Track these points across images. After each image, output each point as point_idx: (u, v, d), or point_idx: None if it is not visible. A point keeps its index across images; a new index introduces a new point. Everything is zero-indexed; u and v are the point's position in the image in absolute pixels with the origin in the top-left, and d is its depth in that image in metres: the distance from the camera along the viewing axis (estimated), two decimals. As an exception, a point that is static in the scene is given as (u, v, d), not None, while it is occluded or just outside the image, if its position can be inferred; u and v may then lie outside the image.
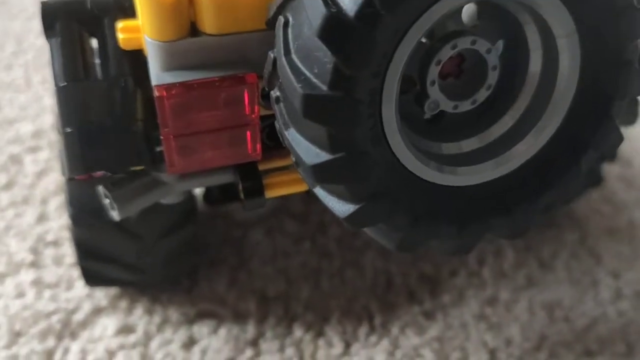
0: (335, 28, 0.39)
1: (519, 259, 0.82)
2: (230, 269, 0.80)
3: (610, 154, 0.79)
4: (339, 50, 0.40)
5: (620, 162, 0.96)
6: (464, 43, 0.47)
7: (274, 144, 0.57)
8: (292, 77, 0.42)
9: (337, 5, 0.39)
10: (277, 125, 0.47)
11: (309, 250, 0.82)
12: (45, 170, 0.93)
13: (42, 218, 0.86)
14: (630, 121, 0.69)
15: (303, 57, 0.42)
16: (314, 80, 0.41)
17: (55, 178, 0.91)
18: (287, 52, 0.43)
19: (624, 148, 0.98)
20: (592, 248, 0.84)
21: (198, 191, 0.81)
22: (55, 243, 0.83)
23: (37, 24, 0.64)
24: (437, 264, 0.80)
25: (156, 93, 0.50)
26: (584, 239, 0.85)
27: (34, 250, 0.82)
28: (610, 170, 0.94)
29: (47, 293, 0.77)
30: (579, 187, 0.52)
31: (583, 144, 0.50)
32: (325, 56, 0.40)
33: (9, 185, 0.91)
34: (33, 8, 1.32)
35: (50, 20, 0.57)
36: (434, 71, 0.47)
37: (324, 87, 0.41)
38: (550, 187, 0.50)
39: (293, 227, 0.85)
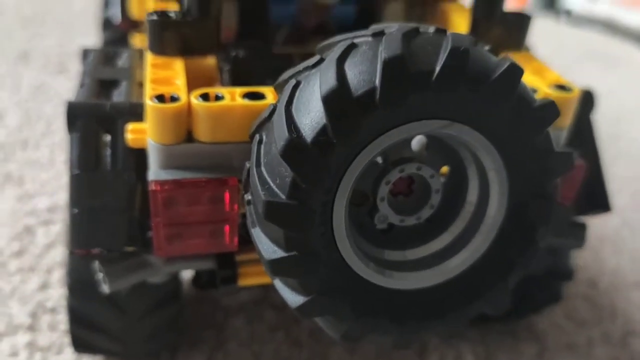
0: (294, 150, 0.48)
1: (478, 365, 0.87)
2: (208, 349, 0.86)
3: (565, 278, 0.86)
4: (297, 168, 0.48)
5: (586, 282, 1.02)
6: (410, 168, 0.55)
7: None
8: (259, 185, 0.50)
9: (297, 131, 0.48)
10: (247, 223, 0.56)
11: (283, 339, 0.89)
12: (54, 243, 1.02)
13: (44, 286, 0.94)
14: (578, 245, 0.76)
15: (269, 170, 0.50)
16: (276, 189, 0.49)
17: (62, 251, 0.99)
18: (258, 164, 0.52)
19: (591, 269, 1.05)
20: (549, 362, 0.89)
21: (187, 275, 0.89)
22: (53, 310, 0.90)
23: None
24: (399, 363, 0.86)
25: (152, 187, 0.59)
26: (542, 353, 0.90)
27: (33, 315, 0.89)
28: (575, 288, 1.00)
29: (38, 355, 0.84)
30: (507, 301, 0.59)
31: (510, 264, 0.57)
32: (286, 171, 0.49)
33: (20, 253, 1.00)
34: (66, 93, 1.45)
35: (73, 117, 0.66)
36: (384, 189, 0.56)
37: (283, 196, 0.49)
38: (479, 299, 0.57)
39: (271, 316, 0.92)
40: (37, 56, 1.65)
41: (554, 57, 0.72)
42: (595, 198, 0.75)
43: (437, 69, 0.48)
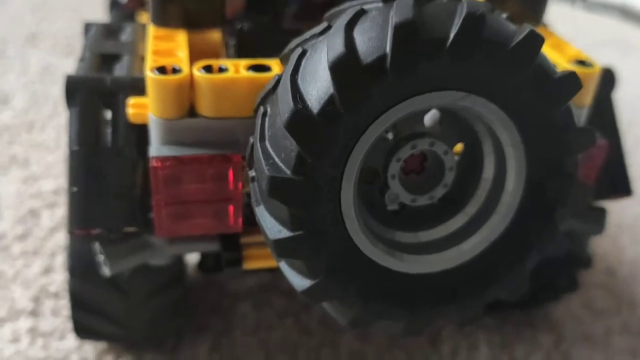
0: (300, 122, 0.45)
1: (492, 355, 0.84)
2: (214, 335, 0.84)
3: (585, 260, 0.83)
4: (303, 141, 0.45)
5: (604, 272, 0.99)
6: (423, 144, 0.53)
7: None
8: (262, 160, 0.48)
9: (303, 102, 0.45)
10: (251, 202, 0.53)
11: (292, 326, 0.86)
12: (59, 226, 1.00)
13: (48, 270, 0.92)
14: (597, 230, 0.73)
15: (274, 144, 0.47)
16: (280, 164, 0.47)
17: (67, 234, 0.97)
18: (262, 139, 0.49)
19: (610, 258, 1.01)
20: (566, 352, 0.86)
21: (193, 260, 0.87)
22: (56, 295, 0.88)
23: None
24: (410, 352, 0.83)
25: (152, 164, 0.57)
26: (559, 342, 0.87)
27: (36, 300, 0.87)
28: (592, 277, 0.97)
29: (40, 341, 0.82)
30: (524, 285, 0.56)
31: (527, 246, 0.54)
32: (291, 145, 0.46)
33: (23, 237, 0.98)
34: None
35: (73, 92, 0.63)
36: (395, 166, 0.53)
37: (288, 172, 0.46)
38: (496, 283, 0.54)
39: (280, 302, 0.89)
40: (45, 38, 1.63)
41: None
42: (616, 181, 0.72)
43: (452, 35, 0.45)
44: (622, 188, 0.72)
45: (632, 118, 1.50)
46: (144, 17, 1.02)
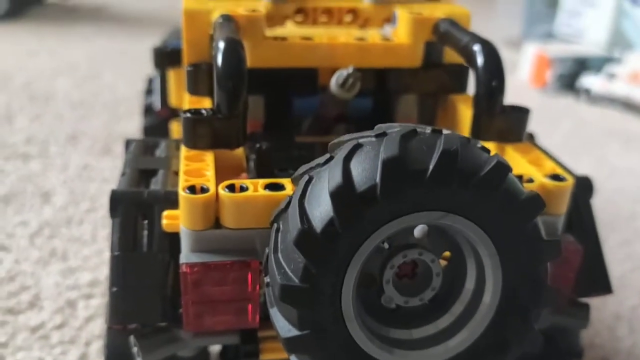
0: (306, 239, 0.55)
1: None
2: (234, 420, 0.91)
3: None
4: (308, 255, 0.55)
5: (601, 361, 1.05)
6: (412, 254, 0.61)
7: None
8: (275, 270, 0.57)
9: (309, 222, 0.55)
10: (267, 303, 0.62)
11: (305, 412, 0.93)
12: (94, 316, 1.09)
13: (83, 357, 1.00)
14: (582, 325, 0.80)
15: (285, 256, 0.57)
16: (290, 274, 0.56)
17: (101, 324, 1.06)
18: (275, 251, 0.58)
19: (606, 347, 1.07)
20: None
21: (215, 350, 0.95)
22: (90, 381, 0.96)
23: (110, 187, 0.80)
24: None
25: (182, 269, 0.66)
26: None
27: (72, 385, 0.95)
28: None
29: None
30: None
31: (506, 342, 0.62)
32: (299, 258, 0.55)
33: (61, 326, 1.07)
34: (109, 172, 1.56)
35: (115, 204, 0.74)
36: (389, 273, 0.62)
37: (296, 280, 0.55)
38: (479, 376, 0.62)
39: (295, 389, 0.96)
40: (83, 139, 1.78)
41: (574, 134, 0.77)
42: (596, 280, 0.79)
43: (430, 167, 0.54)
44: (602, 287, 0.80)
45: (633, 210, 1.57)
46: (175, 127, 1.14)
